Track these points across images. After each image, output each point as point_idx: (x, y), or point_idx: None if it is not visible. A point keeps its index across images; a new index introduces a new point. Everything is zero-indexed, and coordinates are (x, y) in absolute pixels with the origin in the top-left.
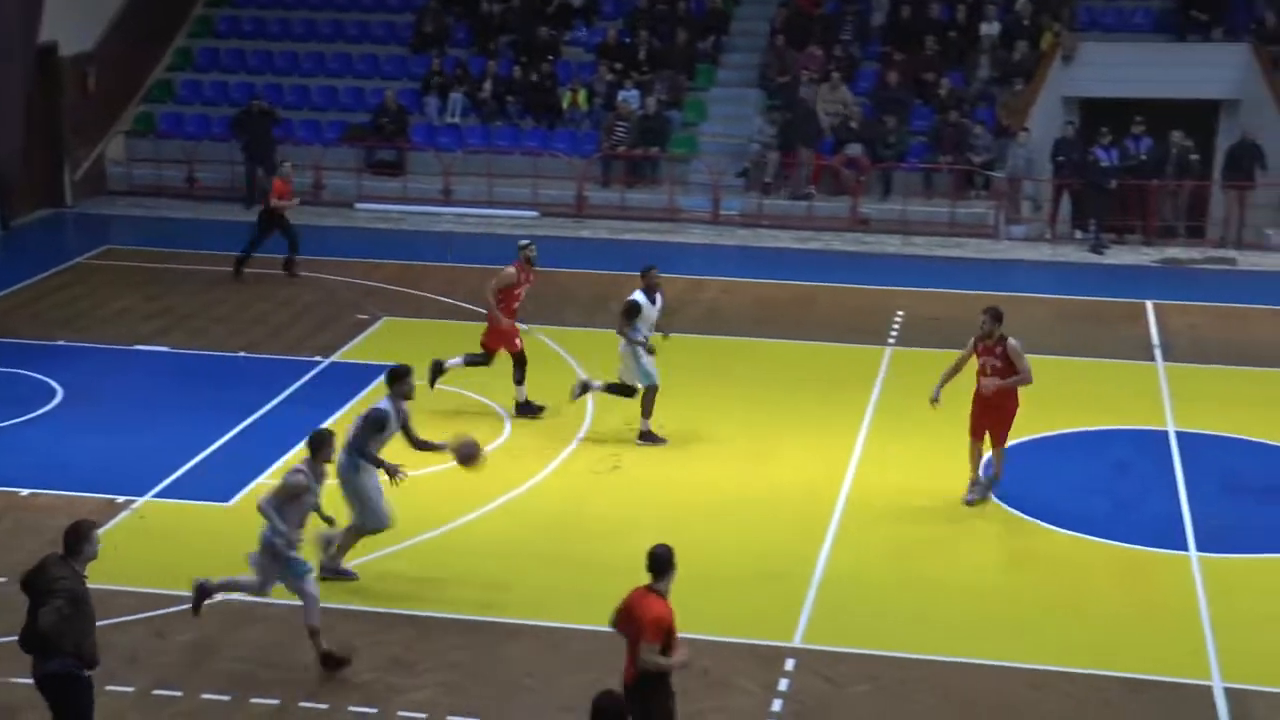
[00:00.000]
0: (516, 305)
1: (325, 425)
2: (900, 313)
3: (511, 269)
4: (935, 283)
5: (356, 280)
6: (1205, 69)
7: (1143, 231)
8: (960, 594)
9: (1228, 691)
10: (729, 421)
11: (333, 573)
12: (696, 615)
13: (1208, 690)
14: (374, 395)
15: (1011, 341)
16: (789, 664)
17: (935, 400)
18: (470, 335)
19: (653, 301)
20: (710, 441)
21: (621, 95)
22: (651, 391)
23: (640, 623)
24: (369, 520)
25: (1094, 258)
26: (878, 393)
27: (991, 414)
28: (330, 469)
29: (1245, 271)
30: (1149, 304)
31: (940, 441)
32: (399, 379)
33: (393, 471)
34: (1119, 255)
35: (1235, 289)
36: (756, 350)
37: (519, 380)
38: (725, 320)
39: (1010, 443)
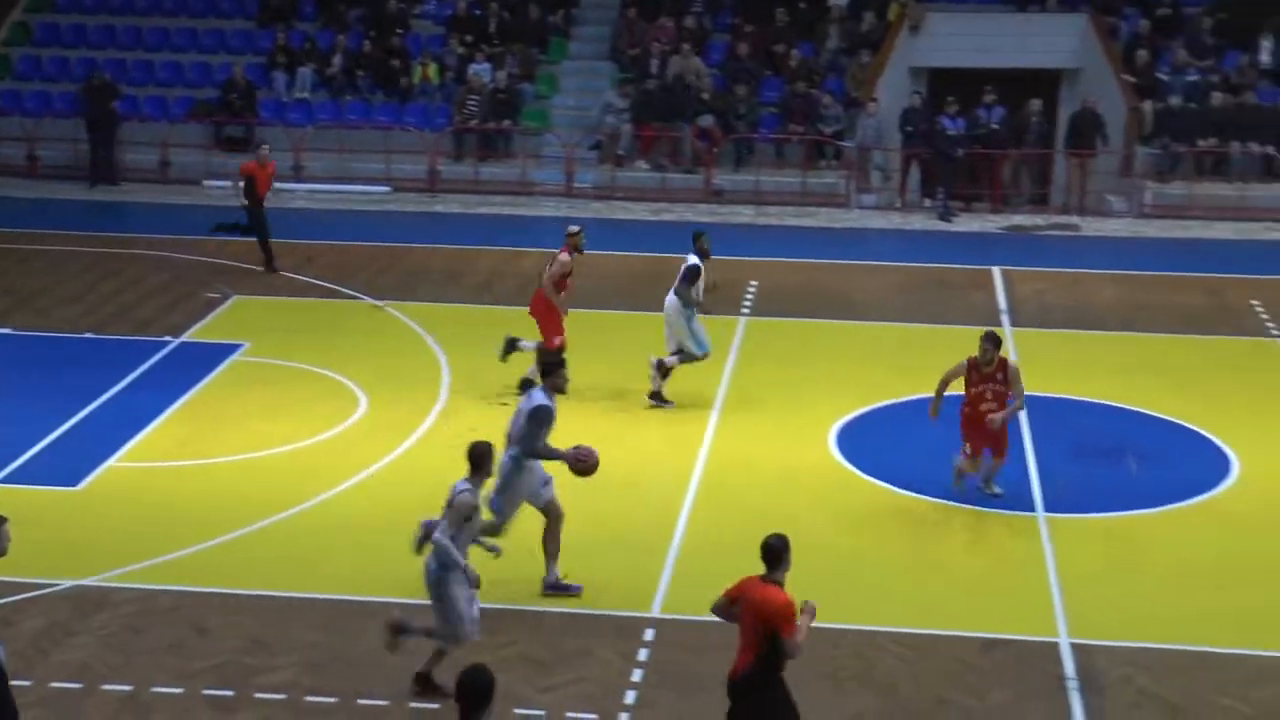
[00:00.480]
0: (563, 294)
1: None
2: (754, 283)
3: (565, 256)
4: (788, 252)
5: (207, 259)
6: (1046, 39)
7: (990, 199)
8: (816, 559)
9: (1074, 646)
10: (585, 395)
11: (557, 589)
12: None
13: (1055, 646)
14: (229, 373)
15: (1012, 363)
16: (648, 634)
17: (935, 415)
18: (325, 312)
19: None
20: (567, 414)
21: (473, 69)
22: (690, 360)
23: (772, 616)
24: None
25: (942, 225)
26: (733, 362)
27: (990, 438)
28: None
29: (1088, 237)
30: (996, 270)
31: (793, 410)
32: (552, 371)
33: (573, 460)
34: (967, 223)
35: (1079, 254)
36: (611, 323)
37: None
38: (580, 293)
39: (863, 409)
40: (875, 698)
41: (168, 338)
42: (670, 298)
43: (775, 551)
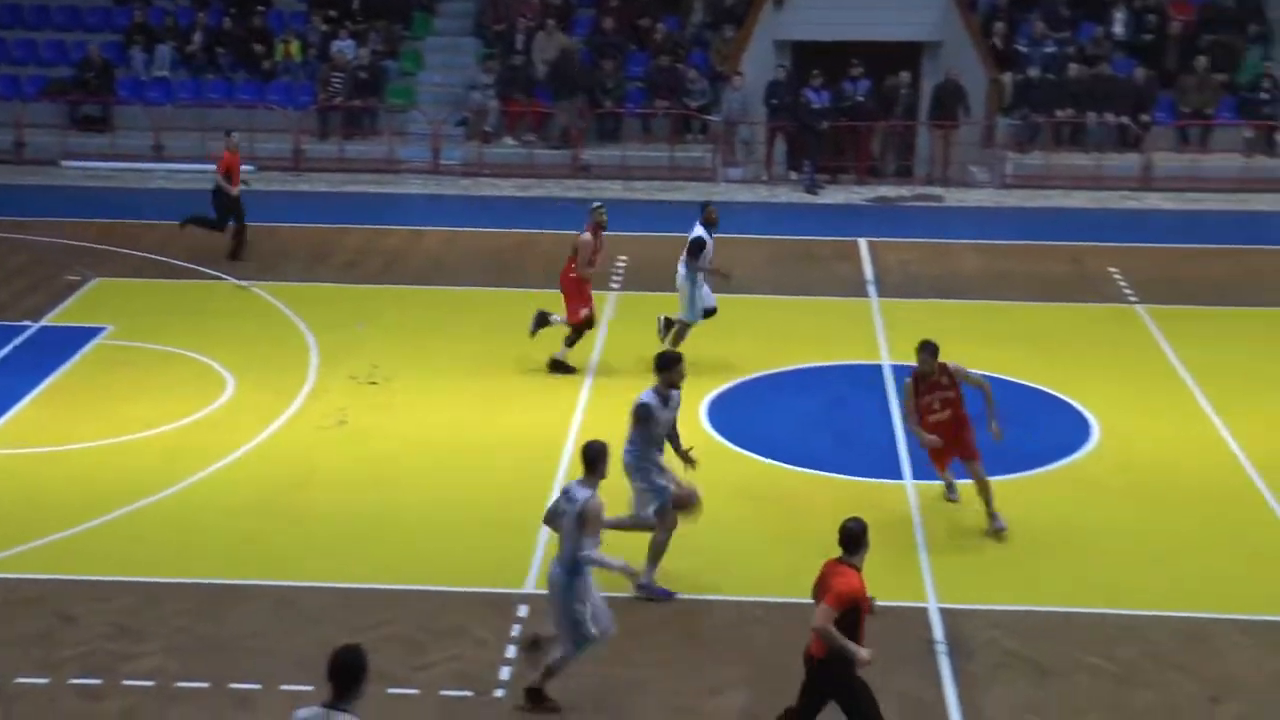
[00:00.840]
0: (590, 271)
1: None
2: (623, 258)
3: (587, 235)
4: (657, 227)
5: (66, 241)
6: (908, 11)
7: (855, 171)
8: (690, 532)
9: (942, 611)
10: (456, 372)
11: (649, 591)
12: (428, 566)
13: (924, 611)
14: (92, 357)
15: (953, 365)
16: (522, 610)
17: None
18: (189, 294)
19: (711, 237)
20: (438, 392)
21: (336, 46)
22: (685, 328)
23: (827, 589)
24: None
25: (809, 198)
26: (603, 337)
27: (956, 447)
28: None
29: (951, 208)
30: (862, 241)
31: None
32: (667, 367)
33: (686, 458)
34: (833, 195)
35: (942, 225)
36: (481, 300)
37: (570, 343)
38: (449, 270)
39: (734, 381)
40: (746, 666)
41: (27, 322)
42: (679, 268)
43: (852, 536)
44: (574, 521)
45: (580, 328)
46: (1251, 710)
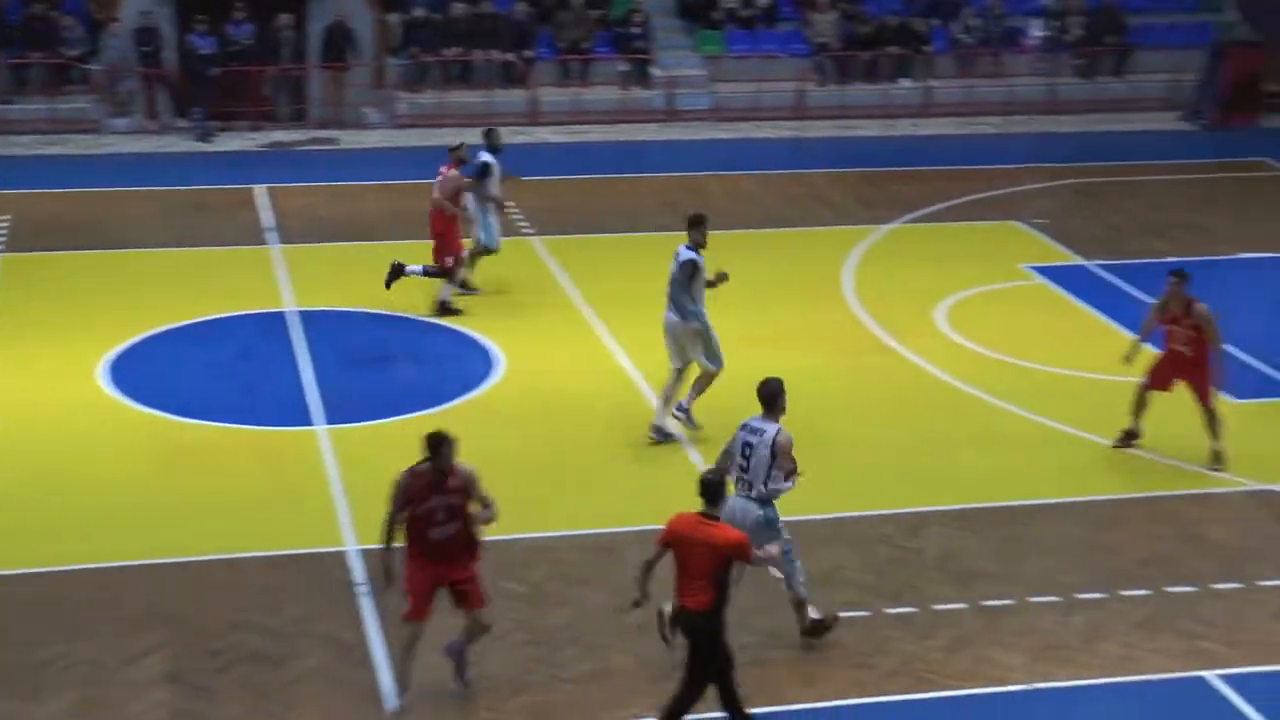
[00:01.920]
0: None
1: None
2: (8, 216)
3: (454, 171)
4: (42, 183)
5: None
6: None
7: (248, 117)
8: (97, 496)
9: (362, 553)
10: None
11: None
12: None
13: (344, 555)
14: None
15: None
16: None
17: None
18: None
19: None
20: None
21: None
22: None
23: (727, 547)
24: (712, 358)
25: (202, 146)
26: None
27: None
28: None
29: (348, 150)
30: (261, 189)
31: (58, 348)
32: (697, 225)
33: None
34: (226, 142)
35: (340, 167)
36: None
37: (456, 280)
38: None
39: (134, 339)
40: (170, 631)
41: None
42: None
43: (714, 488)
44: (768, 453)
45: (455, 265)
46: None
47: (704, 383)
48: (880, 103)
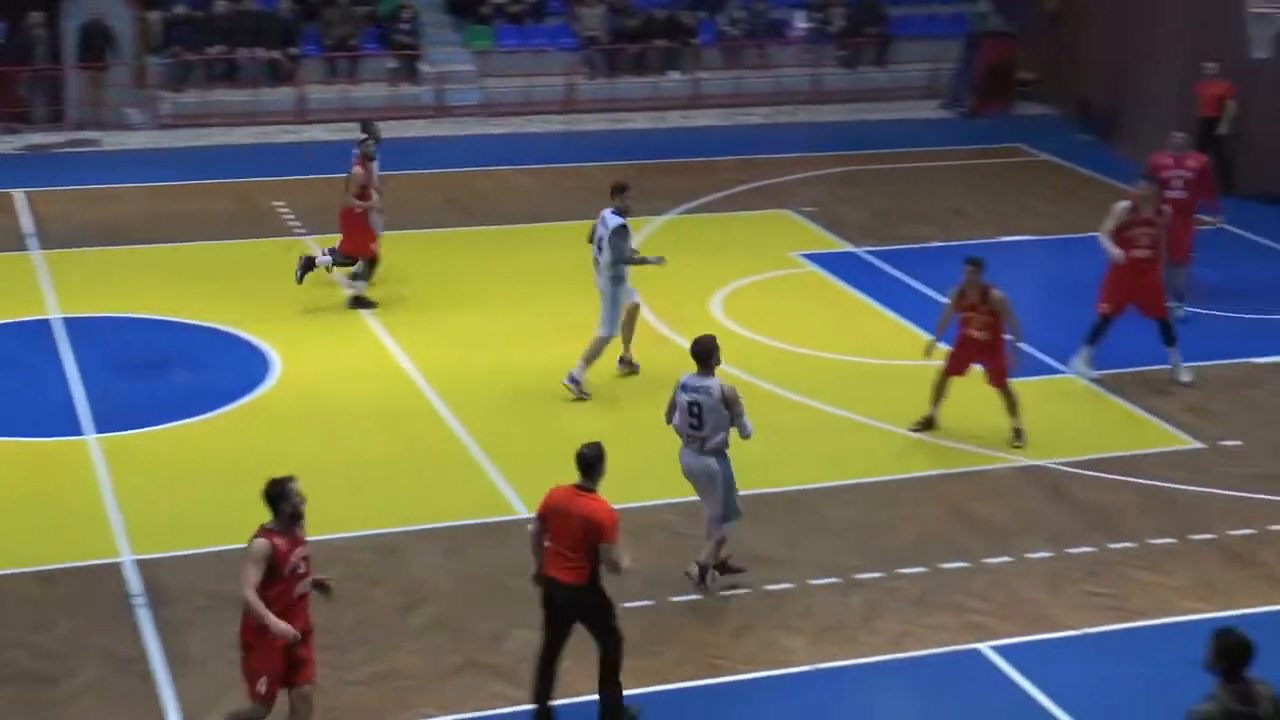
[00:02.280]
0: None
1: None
2: None
3: (358, 169)
4: None
5: None
6: None
7: (2, 119)
8: None
9: (138, 563)
10: None
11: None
12: None
13: (118, 566)
14: None
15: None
16: None
17: None
18: None
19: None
20: None
21: None
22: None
23: (597, 525)
24: (607, 324)
25: None
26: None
27: None
28: None
29: (110, 152)
30: (18, 193)
31: None
32: (620, 191)
33: (657, 260)
34: None
35: (102, 170)
36: None
37: (367, 277)
38: None
39: None
40: None
41: None
42: None
43: (591, 461)
44: (721, 406)
45: (372, 260)
46: (443, 612)
47: (596, 346)
48: (650, 95)
